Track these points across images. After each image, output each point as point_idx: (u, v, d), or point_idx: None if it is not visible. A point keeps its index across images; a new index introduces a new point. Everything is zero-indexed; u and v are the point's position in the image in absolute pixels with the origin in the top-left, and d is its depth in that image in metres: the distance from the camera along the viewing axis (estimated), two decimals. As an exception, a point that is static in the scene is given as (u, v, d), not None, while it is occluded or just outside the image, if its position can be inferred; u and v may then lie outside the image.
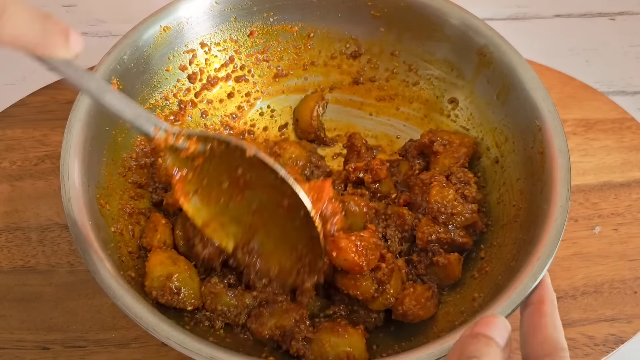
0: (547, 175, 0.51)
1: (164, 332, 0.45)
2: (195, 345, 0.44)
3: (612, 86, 0.85)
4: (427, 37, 0.64)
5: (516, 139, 0.58)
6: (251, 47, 0.68)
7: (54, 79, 0.75)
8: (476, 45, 0.61)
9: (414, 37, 0.65)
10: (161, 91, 0.64)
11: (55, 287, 0.60)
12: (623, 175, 0.70)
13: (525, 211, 0.54)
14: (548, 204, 0.50)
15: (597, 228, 0.67)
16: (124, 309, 0.46)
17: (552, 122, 0.54)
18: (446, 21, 0.62)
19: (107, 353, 0.57)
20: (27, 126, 0.71)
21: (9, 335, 0.58)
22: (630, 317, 0.61)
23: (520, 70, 0.58)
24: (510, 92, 0.58)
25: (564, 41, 0.90)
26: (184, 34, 0.63)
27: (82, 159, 0.52)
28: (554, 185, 0.50)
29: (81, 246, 0.48)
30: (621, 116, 0.75)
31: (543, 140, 0.53)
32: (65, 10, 0.92)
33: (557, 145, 0.52)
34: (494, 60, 0.60)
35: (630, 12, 0.93)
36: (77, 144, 0.52)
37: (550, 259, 0.46)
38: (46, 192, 0.67)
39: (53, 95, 0.73)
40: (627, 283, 0.63)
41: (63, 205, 0.49)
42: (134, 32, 0.60)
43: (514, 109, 0.58)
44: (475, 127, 0.63)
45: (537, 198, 0.52)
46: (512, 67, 0.58)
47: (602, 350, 0.59)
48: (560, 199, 0.49)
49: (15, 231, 0.64)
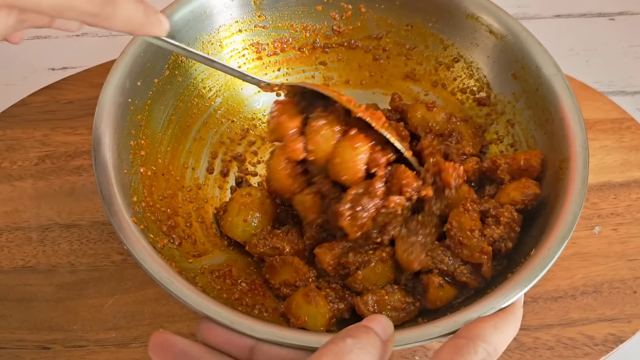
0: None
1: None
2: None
3: (611, 86, 0.85)
4: (541, 125, 0.60)
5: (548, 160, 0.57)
6: (402, 37, 0.69)
7: (55, 79, 0.75)
8: (563, 155, 0.56)
9: (532, 119, 0.61)
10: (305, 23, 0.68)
11: (56, 287, 0.60)
12: (622, 175, 0.70)
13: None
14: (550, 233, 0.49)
15: (596, 228, 0.67)
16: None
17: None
18: (561, 119, 0.57)
19: (108, 353, 0.57)
20: (27, 126, 0.71)
21: (9, 334, 0.58)
22: (630, 316, 0.61)
23: (565, 102, 0.56)
24: (554, 122, 0.56)
25: (564, 41, 0.90)
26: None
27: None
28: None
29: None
30: (621, 116, 0.75)
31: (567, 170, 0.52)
32: (65, 11, 0.92)
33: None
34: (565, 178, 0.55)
35: (630, 12, 0.93)
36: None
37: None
38: (46, 192, 0.67)
39: (53, 95, 0.73)
40: (626, 283, 0.63)
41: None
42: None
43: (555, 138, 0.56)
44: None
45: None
46: (558, 97, 0.57)
47: (602, 350, 0.59)
48: (564, 228, 0.48)
49: (15, 231, 0.64)
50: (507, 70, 0.63)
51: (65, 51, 0.86)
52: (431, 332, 0.43)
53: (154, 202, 0.55)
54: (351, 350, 0.35)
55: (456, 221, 0.53)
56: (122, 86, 0.55)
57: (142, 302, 0.60)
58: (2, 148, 0.70)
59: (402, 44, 0.69)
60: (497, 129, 0.65)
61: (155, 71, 0.59)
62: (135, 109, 0.56)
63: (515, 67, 0.62)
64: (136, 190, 0.53)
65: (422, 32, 0.68)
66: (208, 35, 0.64)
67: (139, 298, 0.60)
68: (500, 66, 0.64)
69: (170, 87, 0.61)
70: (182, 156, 0.62)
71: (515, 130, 0.63)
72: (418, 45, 0.68)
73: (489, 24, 0.63)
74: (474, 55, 0.66)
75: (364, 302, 0.52)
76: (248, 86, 0.66)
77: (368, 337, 0.36)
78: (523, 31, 0.61)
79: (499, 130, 0.65)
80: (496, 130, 0.65)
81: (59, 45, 0.87)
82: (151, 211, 0.53)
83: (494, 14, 0.63)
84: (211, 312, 0.43)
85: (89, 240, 0.64)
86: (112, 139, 0.52)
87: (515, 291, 0.45)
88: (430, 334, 0.43)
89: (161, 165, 0.58)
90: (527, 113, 0.61)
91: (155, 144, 0.58)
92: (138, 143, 0.55)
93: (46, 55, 0.86)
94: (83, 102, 0.73)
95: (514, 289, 0.45)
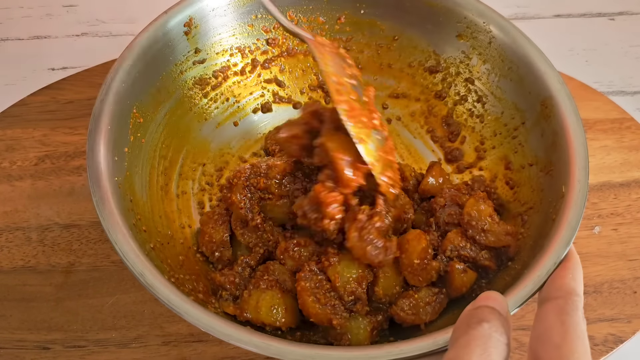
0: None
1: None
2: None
3: (611, 86, 0.85)
4: (504, 75, 0.62)
5: (543, 200, 0.55)
6: (337, 32, 0.69)
7: (55, 79, 0.75)
8: (542, 95, 0.58)
9: (493, 71, 0.63)
10: (240, 44, 0.67)
11: (56, 287, 0.60)
12: (622, 175, 0.70)
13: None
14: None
15: (596, 228, 0.67)
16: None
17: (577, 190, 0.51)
18: (529, 64, 0.59)
19: (107, 353, 0.57)
20: (27, 126, 0.71)
21: (9, 335, 0.58)
22: (630, 317, 0.61)
23: (573, 134, 0.54)
24: (557, 151, 0.55)
25: (564, 41, 0.90)
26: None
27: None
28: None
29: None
30: (621, 116, 0.75)
31: (561, 208, 0.50)
32: (65, 11, 0.92)
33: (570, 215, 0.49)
34: (553, 115, 0.56)
35: (630, 12, 0.93)
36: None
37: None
38: (46, 192, 0.67)
39: (53, 96, 0.73)
40: (626, 283, 0.63)
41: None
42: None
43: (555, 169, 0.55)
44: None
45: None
46: (566, 127, 0.55)
47: (602, 350, 0.59)
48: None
49: (15, 231, 0.64)
50: (450, 33, 0.65)
51: (65, 51, 0.86)
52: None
53: (171, 268, 0.53)
54: (490, 335, 0.35)
55: (475, 210, 0.54)
56: (108, 165, 0.52)
57: (142, 302, 0.60)
58: (1, 148, 0.70)
59: (339, 38, 0.69)
60: (457, 89, 0.66)
61: (122, 140, 0.56)
62: (122, 187, 0.53)
63: (458, 28, 0.64)
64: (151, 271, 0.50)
65: (356, 20, 0.68)
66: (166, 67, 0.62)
67: (139, 298, 0.60)
68: (442, 31, 0.65)
69: (139, 152, 0.58)
70: (176, 218, 0.60)
71: (476, 86, 0.65)
72: (355, 35, 0.69)
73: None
74: (412, 30, 0.67)
75: (401, 308, 0.53)
76: (206, 124, 0.66)
77: (499, 318, 0.37)
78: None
79: (459, 91, 0.66)
80: (457, 92, 0.66)
81: (59, 45, 0.87)
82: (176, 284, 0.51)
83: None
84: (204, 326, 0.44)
85: (89, 241, 0.64)
86: (113, 223, 0.50)
87: (548, 264, 0.45)
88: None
89: (162, 235, 0.56)
90: (484, 67, 0.63)
91: (149, 216, 0.56)
92: (137, 222, 0.53)
93: (46, 55, 0.86)
94: (83, 102, 0.73)
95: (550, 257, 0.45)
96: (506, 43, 0.61)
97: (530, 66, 0.58)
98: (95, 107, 0.53)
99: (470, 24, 0.63)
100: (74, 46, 0.87)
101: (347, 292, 0.51)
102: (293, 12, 0.67)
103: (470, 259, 0.54)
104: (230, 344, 0.56)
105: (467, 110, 0.66)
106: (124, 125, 0.55)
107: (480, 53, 0.64)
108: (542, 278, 0.45)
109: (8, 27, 0.90)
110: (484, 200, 0.55)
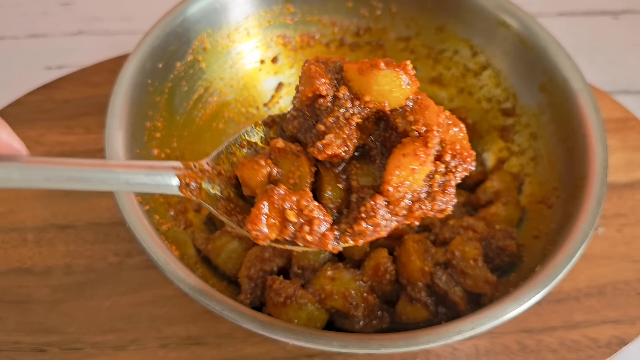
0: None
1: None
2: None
3: (615, 85, 0.84)
4: (564, 141, 0.59)
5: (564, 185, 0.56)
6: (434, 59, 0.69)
7: (51, 78, 0.74)
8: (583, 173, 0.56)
9: (556, 134, 0.61)
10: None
11: (52, 289, 0.60)
12: (627, 175, 0.70)
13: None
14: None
15: (600, 229, 0.66)
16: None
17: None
18: (583, 136, 0.57)
19: (104, 355, 0.56)
20: (23, 126, 0.70)
21: (5, 337, 0.57)
22: (634, 318, 0.60)
23: (589, 118, 0.55)
24: (576, 138, 0.55)
25: (567, 40, 0.88)
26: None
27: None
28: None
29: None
30: (625, 116, 0.74)
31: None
32: (62, 9, 0.91)
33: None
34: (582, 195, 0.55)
35: (634, 10, 0.93)
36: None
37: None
38: (42, 193, 0.66)
39: (49, 95, 0.73)
40: (630, 284, 0.62)
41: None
42: None
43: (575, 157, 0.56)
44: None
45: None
46: (582, 112, 0.56)
47: (606, 352, 0.58)
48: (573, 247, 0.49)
49: (11, 232, 0.63)
50: (534, 82, 0.62)
51: (62, 50, 0.86)
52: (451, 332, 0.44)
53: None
54: None
55: (459, 250, 0.53)
56: (143, 67, 0.54)
57: (139, 304, 0.59)
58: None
59: (431, 46, 0.68)
60: (519, 141, 0.64)
61: (178, 54, 0.57)
62: (154, 90, 0.54)
63: (542, 78, 0.61)
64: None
65: (452, 36, 0.66)
66: (235, 23, 0.62)
67: (136, 300, 0.59)
68: (527, 77, 0.63)
69: (193, 72, 0.59)
70: (200, 143, 0.60)
71: (537, 143, 0.62)
72: (447, 50, 0.67)
73: (520, 32, 0.62)
74: (502, 64, 0.65)
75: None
76: (268, 79, 0.65)
77: None
78: (553, 43, 0.61)
79: (521, 143, 0.64)
80: (519, 143, 0.64)
81: (55, 43, 0.86)
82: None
83: (525, 23, 0.62)
84: (207, 299, 0.44)
85: (85, 242, 0.63)
86: (127, 117, 0.51)
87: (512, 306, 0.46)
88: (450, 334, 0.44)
89: (176, 149, 0.57)
90: (551, 127, 0.60)
91: (172, 128, 0.57)
92: (154, 125, 0.54)
93: (42, 54, 0.85)
94: (79, 101, 0.72)
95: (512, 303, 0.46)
96: (576, 109, 0.57)
97: (583, 139, 0.55)
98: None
99: (552, 77, 0.60)
100: (71, 45, 0.86)
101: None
102: (395, 7, 0.67)
103: (441, 292, 0.53)
104: (228, 348, 0.56)
105: (520, 164, 0.64)
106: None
107: (553, 112, 0.60)
108: None
109: (4, 25, 0.89)
110: (472, 242, 0.54)
